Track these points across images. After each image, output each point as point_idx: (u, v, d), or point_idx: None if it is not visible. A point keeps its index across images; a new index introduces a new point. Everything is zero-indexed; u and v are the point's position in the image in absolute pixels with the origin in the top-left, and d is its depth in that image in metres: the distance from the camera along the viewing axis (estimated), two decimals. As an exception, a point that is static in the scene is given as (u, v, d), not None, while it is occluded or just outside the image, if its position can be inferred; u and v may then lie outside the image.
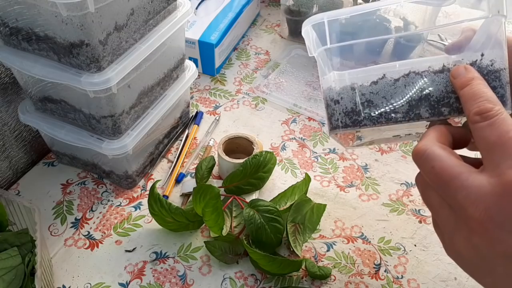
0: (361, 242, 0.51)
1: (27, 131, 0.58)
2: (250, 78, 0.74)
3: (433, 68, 0.33)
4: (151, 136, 0.56)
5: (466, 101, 0.31)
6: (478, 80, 0.31)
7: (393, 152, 0.62)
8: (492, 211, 0.27)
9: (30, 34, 0.42)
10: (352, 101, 0.34)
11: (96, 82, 0.42)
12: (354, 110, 0.34)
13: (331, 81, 0.35)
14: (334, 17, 0.34)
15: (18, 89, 0.54)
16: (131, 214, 0.54)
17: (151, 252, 0.50)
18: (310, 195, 0.54)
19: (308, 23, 0.36)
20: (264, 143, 0.63)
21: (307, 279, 0.48)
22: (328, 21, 0.35)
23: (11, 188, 0.57)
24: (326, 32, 0.34)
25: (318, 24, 0.35)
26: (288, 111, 0.68)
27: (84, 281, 0.47)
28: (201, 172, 0.52)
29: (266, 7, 0.92)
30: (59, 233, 0.52)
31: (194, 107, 0.69)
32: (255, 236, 0.46)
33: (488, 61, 0.32)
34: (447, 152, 0.30)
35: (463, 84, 0.31)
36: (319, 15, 0.35)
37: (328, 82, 0.36)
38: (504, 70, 0.32)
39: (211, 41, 0.70)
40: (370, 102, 0.34)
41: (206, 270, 0.49)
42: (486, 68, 0.32)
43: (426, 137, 0.32)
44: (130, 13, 0.44)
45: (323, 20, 0.34)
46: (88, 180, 0.58)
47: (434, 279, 0.48)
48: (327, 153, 0.62)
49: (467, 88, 0.31)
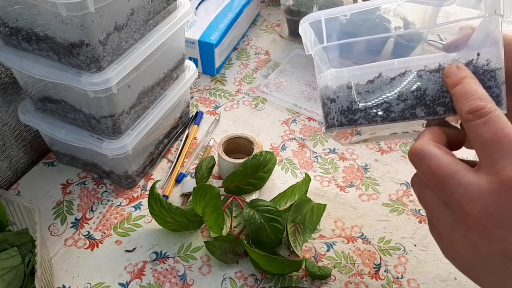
0: (361, 242, 0.51)
1: (27, 131, 0.58)
2: (250, 78, 0.74)
3: (429, 67, 0.33)
4: (151, 136, 0.56)
5: (458, 100, 0.31)
6: (469, 78, 0.31)
7: (393, 152, 0.62)
8: (490, 209, 0.27)
9: (30, 34, 0.42)
10: (348, 100, 0.34)
11: (96, 82, 0.42)
12: (350, 109, 0.34)
13: (328, 79, 0.35)
14: (331, 15, 0.34)
15: (18, 89, 0.54)
16: (131, 214, 0.54)
17: (151, 252, 0.50)
18: (310, 195, 0.54)
19: (305, 21, 0.35)
20: (264, 143, 0.63)
21: (307, 279, 0.48)
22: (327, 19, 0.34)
23: (11, 188, 0.57)
24: (323, 30, 0.34)
25: (315, 22, 0.35)
26: (288, 111, 0.68)
27: (84, 281, 0.47)
28: (201, 172, 0.52)
29: (266, 7, 0.92)
30: (59, 233, 0.52)
31: (194, 107, 0.69)
32: (255, 236, 0.46)
33: (484, 60, 0.32)
34: (442, 151, 0.30)
35: (455, 82, 0.31)
36: (317, 13, 0.35)
37: (324, 81, 0.35)
38: (500, 69, 0.32)
39: (211, 41, 0.70)
40: None
41: (206, 270, 0.49)
42: (482, 68, 0.32)
43: (422, 138, 0.32)
44: (130, 13, 0.44)
45: (320, 18, 0.34)
46: (88, 180, 0.58)
47: (434, 279, 0.48)
48: (327, 153, 0.62)
49: (459, 87, 0.31)
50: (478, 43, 0.33)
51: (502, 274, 0.28)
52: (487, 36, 0.32)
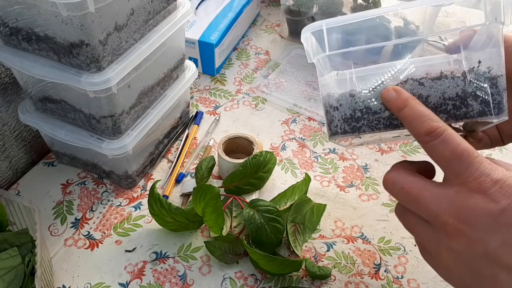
0: (361, 242, 0.51)
1: (27, 131, 0.58)
2: (250, 78, 0.74)
3: (430, 75, 0.33)
4: (151, 136, 0.56)
5: (410, 123, 0.32)
6: (413, 100, 0.32)
7: (393, 152, 0.62)
8: (464, 214, 0.29)
9: (30, 34, 0.42)
10: (350, 108, 0.34)
11: (96, 82, 0.42)
12: (353, 117, 0.34)
13: (330, 87, 0.35)
14: (333, 24, 0.35)
15: (18, 89, 0.54)
16: (131, 214, 0.54)
17: (151, 252, 0.50)
18: (310, 195, 0.54)
19: (307, 30, 0.36)
20: (264, 143, 0.63)
21: (307, 279, 0.48)
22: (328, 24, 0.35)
23: (11, 188, 0.57)
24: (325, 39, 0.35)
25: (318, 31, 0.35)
26: (288, 111, 0.68)
27: (84, 281, 0.47)
28: (201, 172, 0.52)
29: (266, 7, 0.92)
30: (59, 233, 0.52)
31: (194, 107, 0.69)
32: (255, 236, 0.46)
33: (485, 68, 0.32)
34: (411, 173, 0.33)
35: (400, 106, 0.32)
36: (318, 22, 0.35)
37: (327, 89, 0.36)
38: (501, 76, 0.32)
39: (211, 41, 0.70)
40: (369, 109, 0.34)
41: (206, 270, 0.49)
42: (483, 75, 0.32)
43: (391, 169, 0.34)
44: (130, 13, 0.44)
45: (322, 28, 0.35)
46: (88, 180, 0.58)
47: (434, 279, 0.48)
48: (327, 153, 0.62)
49: (406, 110, 0.32)
50: (480, 44, 0.33)
51: (490, 278, 0.29)
52: (490, 37, 0.32)
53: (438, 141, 0.30)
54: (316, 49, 0.36)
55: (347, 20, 0.34)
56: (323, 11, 0.74)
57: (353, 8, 0.72)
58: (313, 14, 0.75)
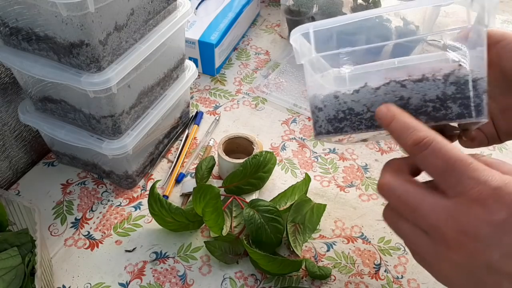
0: (361, 242, 0.51)
1: (27, 131, 0.58)
2: (250, 78, 0.74)
3: (412, 77, 0.33)
4: (151, 136, 0.56)
5: (398, 136, 0.32)
6: (400, 112, 0.32)
7: (393, 152, 0.62)
8: (464, 226, 0.28)
9: (30, 34, 0.42)
10: (334, 109, 0.35)
11: (96, 82, 0.42)
12: (336, 118, 0.35)
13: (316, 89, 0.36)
14: (321, 27, 0.35)
15: (18, 89, 0.54)
16: (131, 214, 0.54)
17: (151, 252, 0.50)
18: (310, 195, 0.54)
19: (296, 31, 0.36)
20: (264, 143, 0.63)
21: (307, 279, 0.48)
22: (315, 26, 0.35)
23: (11, 188, 0.57)
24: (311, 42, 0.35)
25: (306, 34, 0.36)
26: (288, 111, 0.68)
27: (84, 281, 0.47)
28: (201, 172, 0.52)
29: (266, 7, 0.92)
30: (59, 233, 0.52)
31: (194, 107, 0.69)
32: (255, 236, 0.46)
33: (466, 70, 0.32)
34: (407, 179, 0.32)
35: (389, 120, 0.32)
36: (306, 25, 0.35)
37: (313, 90, 0.37)
38: (482, 79, 0.32)
39: (211, 41, 0.70)
40: (352, 110, 0.34)
41: (206, 270, 0.49)
42: (464, 78, 0.32)
43: (384, 173, 0.33)
44: (130, 13, 0.44)
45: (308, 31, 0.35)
46: (88, 180, 0.58)
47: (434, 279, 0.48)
48: (327, 153, 0.62)
49: (393, 124, 0.32)
50: (473, 42, 0.33)
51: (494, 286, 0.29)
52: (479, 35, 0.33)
53: (427, 152, 0.30)
54: (303, 51, 0.36)
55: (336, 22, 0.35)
56: (323, 11, 0.74)
57: (353, 8, 0.72)
58: (313, 14, 0.75)
